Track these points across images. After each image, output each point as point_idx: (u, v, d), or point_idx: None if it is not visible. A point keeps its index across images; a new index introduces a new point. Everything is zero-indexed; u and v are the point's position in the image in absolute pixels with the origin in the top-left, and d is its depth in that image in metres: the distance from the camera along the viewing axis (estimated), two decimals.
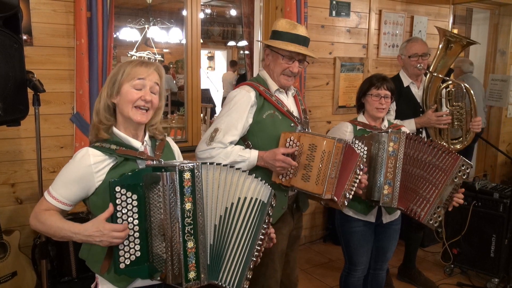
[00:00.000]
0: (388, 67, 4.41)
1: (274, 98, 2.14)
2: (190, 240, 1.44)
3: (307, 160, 1.96)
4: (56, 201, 1.52)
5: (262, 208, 1.60)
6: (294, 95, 2.29)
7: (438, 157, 2.27)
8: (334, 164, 1.94)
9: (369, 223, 2.48)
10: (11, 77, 1.91)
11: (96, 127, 1.58)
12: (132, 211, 1.44)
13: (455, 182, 2.23)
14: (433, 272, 3.67)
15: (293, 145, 1.99)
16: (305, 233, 4.21)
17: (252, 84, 2.15)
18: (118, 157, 1.53)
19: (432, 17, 4.68)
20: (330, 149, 1.92)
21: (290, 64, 2.11)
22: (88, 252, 1.59)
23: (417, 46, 3.13)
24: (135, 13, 8.24)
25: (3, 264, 2.52)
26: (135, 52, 7.63)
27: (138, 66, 1.56)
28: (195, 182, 1.45)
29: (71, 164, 1.53)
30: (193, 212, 1.44)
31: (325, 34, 3.97)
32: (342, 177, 2.03)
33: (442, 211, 2.25)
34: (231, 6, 8.49)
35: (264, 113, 2.10)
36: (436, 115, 3.00)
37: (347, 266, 2.60)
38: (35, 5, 2.69)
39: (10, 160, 2.74)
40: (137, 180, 1.45)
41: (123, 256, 1.44)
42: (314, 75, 3.95)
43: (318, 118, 4.06)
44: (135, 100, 1.54)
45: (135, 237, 1.46)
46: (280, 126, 2.11)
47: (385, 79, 2.46)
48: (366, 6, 4.18)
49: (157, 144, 1.67)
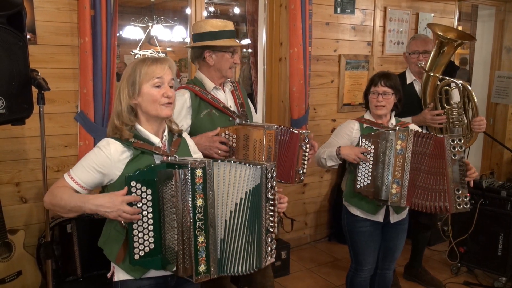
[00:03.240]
0: (393, 65, 4.37)
1: (210, 96, 2.27)
2: (201, 235, 1.50)
3: (244, 150, 2.14)
4: (74, 182, 1.59)
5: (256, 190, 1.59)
6: (231, 90, 2.41)
7: (428, 146, 2.27)
8: (268, 150, 2.10)
9: (376, 222, 2.46)
10: (16, 76, 1.90)
11: (119, 128, 1.63)
12: (146, 205, 1.52)
13: (456, 158, 2.23)
14: (439, 271, 3.65)
15: (229, 139, 2.16)
16: (310, 232, 4.19)
17: (187, 86, 2.29)
18: (134, 150, 1.61)
19: (438, 14, 4.64)
20: (260, 137, 2.09)
21: (234, 57, 2.30)
22: (105, 241, 1.68)
23: (418, 43, 3.11)
24: (138, 12, 8.22)
25: (8, 264, 2.52)
26: (139, 51, 7.61)
27: (154, 65, 1.62)
28: (206, 179, 1.50)
29: (93, 151, 1.62)
30: (204, 208, 1.50)
31: (329, 32, 3.95)
32: (286, 159, 2.20)
33: (464, 190, 2.24)
34: (235, 4, 8.46)
35: (201, 112, 2.24)
36: (431, 114, 2.96)
37: (353, 266, 2.58)
38: (39, 4, 2.68)
39: (15, 159, 2.73)
40: (152, 175, 1.53)
41: (137, 248, 1.51)
42: (318, 73, 3.92)
43: (323, 116, 4.04)
44: (159, 99, 1.61)
45: (149, 230, 1.53)
46: (218, 122, 2.24)
47: (384, 76, 2.44)
48: (371, 3, 4.15)
49: (173, 140, 1.75)
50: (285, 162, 2.19)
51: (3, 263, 2.49)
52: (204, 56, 2.28)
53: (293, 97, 3.62)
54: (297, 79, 3.56)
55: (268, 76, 3.87)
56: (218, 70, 2.30)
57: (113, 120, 1.65)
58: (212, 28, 2.25)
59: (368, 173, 2.32)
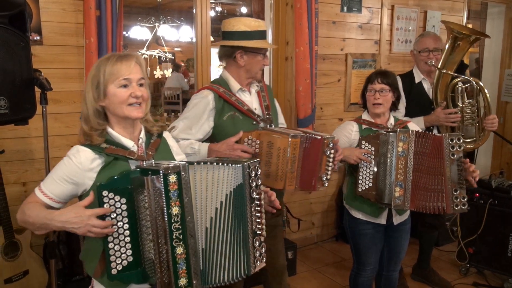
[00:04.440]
0: (401, 63, 4.34)
1: (234, 99, 2.18)
2: (179, 246, 1.39)
3: (267, 157, 2.02)
4: (44, 196, 1.51)
5: (239, 191, 1.49)
6: (257, 91, 2.31)
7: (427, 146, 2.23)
8: (292, 159, 1.99)
9: (379, 225, 2.43)
10: (18, 76, 1.90)
11: (88, 134, 1.53)
12: (121, 215, 1.40)
13: (455, 158, 2.19)
14: (448, 271, 3.61)
15: (252, 144, 2.05)
16: (317, 232, 4.17)
17: (211, 87, 2.20)
18: (106, 157, 1.51)
19: (446, 11, 4.59)
20: (285, 145, 1.98)
21: (265, 59, 2.22)
22: (85, 253, 1.57)
23: (428, 41, 3.05)
24: (145, 12, 8.25)
25: (15, 263, 2.53)
26: (146, 51, 7.64)
27: (119, 63, 1.51)
28: (181, 184, 1.38)
29: (62, 161, 1.53)
30: (181, 216, 1.39)
31: (336, 30, 3.92)
32: (308, 167, 2.07)
33: (462, 191, 2.20)
34: (241, 3, 8.45)
35: (224, 115, 2.16)
36: (445, 112, 2.91)
37: (355, 266, 2.56)
38: (45, 4, 2.70)
39: (21, 159, 2.75)
40: (125, 183, 1.41)
41: (114, 262, 1.40)
42: (325, 72, 3.90)
43: (330, 115, 4.01)
44: (126, 99, 1.51)
45: (126, 242, 1.41)
46: (241, 125, 2.14)
47: (381, 73, 2.40)
48: (378, 1, 4.12)
49: (151, 141, 1.64)
50: (307, 170, 2.07)
51: (10, 263, 2.50)
52: (235, 56, 2.18)
53: (299, 97, 3.60)
54: (303, 78, 3.54)
55: (274, 75, 3.86)
56: (248, 71, 2.21)
57: (82, 126, 1.55)
58: (246, 27, 2.16)
59: (370, 176, 2.29)
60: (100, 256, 1.48)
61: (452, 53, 2.95)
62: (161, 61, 9.60)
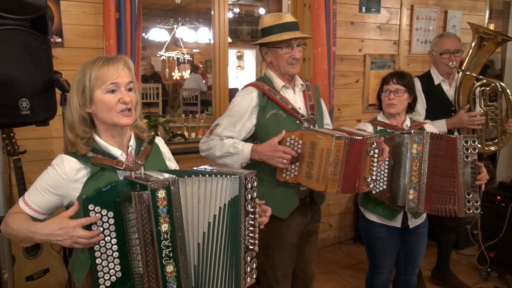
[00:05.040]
0: (420, 64, 4.28)
1: (279, 97, 2.14)
2: (169, 264, 1.31)
3: (309, 158, 1.96)
4: (28, 207, 1.43)
5: (234, 204, 1.43)
6: (303, 89, 2.26)
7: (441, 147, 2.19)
8: (336, 161, 1.91)
9: (394, 228, 2.40)
10: (39, 78, 1.93)
11: (73, 143, 1.44)
12: (109, 229, 1.33)
13: (469, 160, 2.14)
14: (468, 276, 3.54)
15: (295, 144, 2.00)
16: (334, 234, 4.15)
17: (256, 84, 2.17)
18: (93, 167, 1.42)
19: (467, 11, 4.52)
20: (328, 146, 1.89)
21: (291, 52, 2.12)
22: (73, 265, 1.48)
23: (449, 42, 3.00)
24: (164, 14, 8.34)
25: (36, 261, 2.58)
26: (164, 52, 7.71)
27: (105, 66, 1.41)
28: (171, 200, 1.31)
29: (46, 170, 1.45)
30: (171, 234, 1.31)
31: (354, 31, 3.89)
32: (351, 169, 1.97)
33: (475, 194, 2.15)
34: (260, 4, 8.47)
35: (267, 113, 2.12)
36: (468, 115, 2.87)
37: (371, 269, 2.54)
38: (66, 7, 2.75)
39: (43, 159, 2.80)
40: (112, 195, 1.33)
41: (102, 277, 1.32)
42: (343, 73, 3.88)
43: (348, 116, 3.99)
44: (114, 106, 1.41)
45: (114, 257, 1.34)
46: (284, 124, 2.10)
47: (397, 74, 2.38)
48: (397, 2, 4.08)
49: (141, 149, 1.54)
50: (350, 172, 1.98)
51: (32, 260, 2.56)
52: (263, 54, 2.21)
53: None
54: (321, 79, 3.53)
55: None
56: (277, 67, 2.17)
57: (66, 133, 1.46)
58: (267, 24, 2.16)
59: (384, 178, 2.27)
60: (88, 269, 1.40)
61: (478, 54, 2.90)
62: (180, 62, 9.68)
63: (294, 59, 2.12)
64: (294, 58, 2.12)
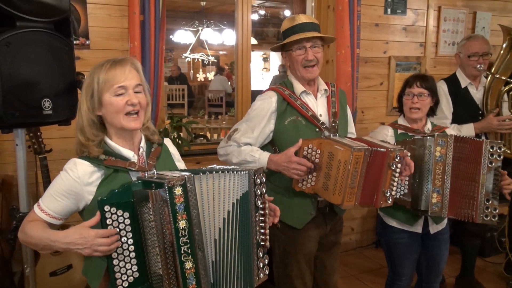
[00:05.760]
0: (447, 66, 4.19)
1: (299, 102, 2.07)
2: (188, 261, 1.33)
3: (327, 169, 1.88)
4: (44, 214, 1.44)
5: (245, 199, 1.44)
6: (327, 95, 2.18)
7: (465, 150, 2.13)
8: (354, 173, 1.81)
9: (414, 234, 2.35)
10: (61, 79, 1.98)
11: (85, 145, 1.46)
12: (125, 230, 1.35)
13: (493, 166, 2.08)
14: (494, 284, 3.44)
15: (312, 153, 1.92)
16: (356, 238, 4.10)
17: (276, 89, 2.13)
18: (106, 169, 1.43)
19: (497, 12, 4.39)
20: (346, 158, 1.80)
21: (304, 53, 2.06)
22: (88, 268, 1.48)
23: (478, 45, 2.93)
24: (190, 16, 8.43)
25: (59, 258, 2.64)
26: (189, 54, 7.80)
27: (113, 69, 1.44)
28: (188, 197, 1.33)
29: (60, 175, 1.46)
30: (188, 230, 1.33)
31: (379, 33, 3.84)
32: (371, 182, 1.88)
33: (495, 202, 2.09)
34: (285, 6, 8.47)
35: (286, 119, 2.06)
36: (498, 119, 2.80)
37: (390, 275, 2.49)
38: (92, 10, 2.81)
39: (67, 158, 2.79)
40: (127, 196, 1.35)
41: (120, 279, 1.34)
42: (367, 75, 3.83)
43: (371, 119, 3.94)
44: (122, 108, 1.43)
45: (131, 257, 1.36)
46: (303, 132, 2.03)
47: (420, 77, 2.33)
48: (424, 3, 4.00)
49: (152, 150, 1.57)
50: (369, 185, 1.88)
51: (55, 257, 2.62)
52: (283, 59, 2.20)
53: None
54: (344, 81, 3.49)
55: None
56: (295, 72, 2.12)
57: (77, 137, 1.47)
58: (283, 28, 2.14)
59: (405, 182, 2.22)
60: (104, 271, 1.40)
61: (508, 57, 2.82)
62: (204, 64, 9.76)
63: (307, 61, 2.06)
64: (307, 60, 2.05)
